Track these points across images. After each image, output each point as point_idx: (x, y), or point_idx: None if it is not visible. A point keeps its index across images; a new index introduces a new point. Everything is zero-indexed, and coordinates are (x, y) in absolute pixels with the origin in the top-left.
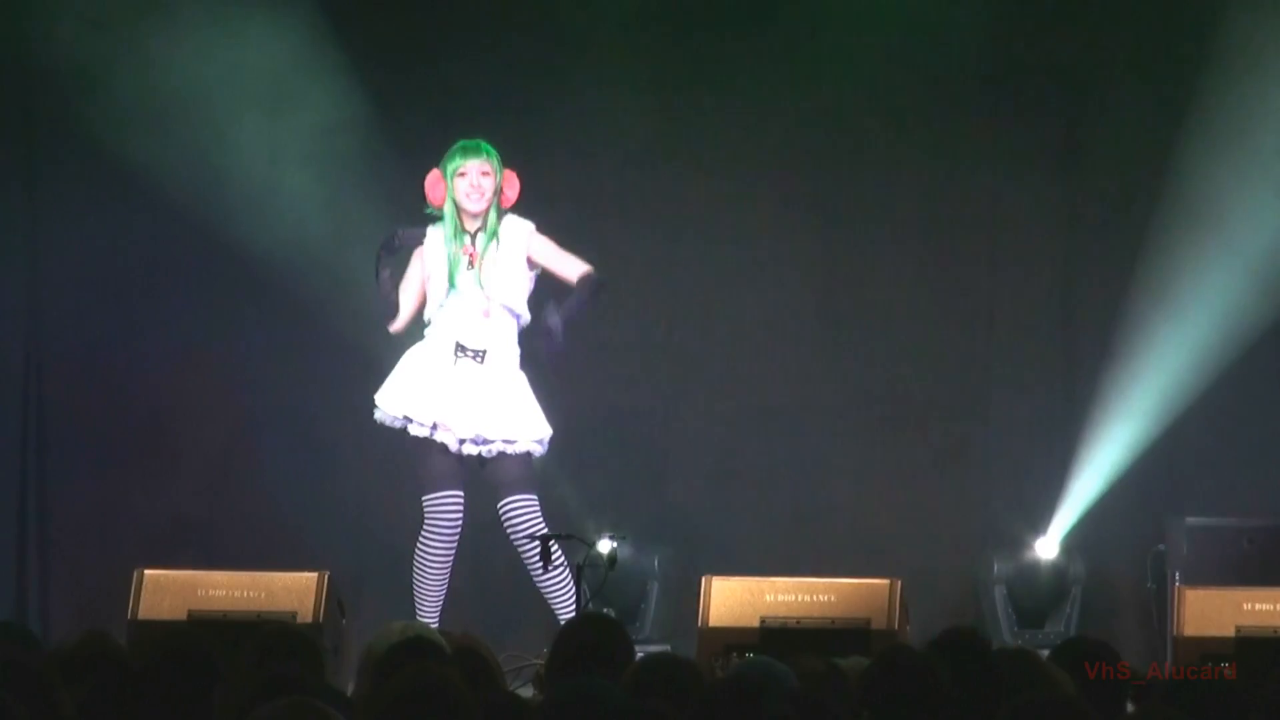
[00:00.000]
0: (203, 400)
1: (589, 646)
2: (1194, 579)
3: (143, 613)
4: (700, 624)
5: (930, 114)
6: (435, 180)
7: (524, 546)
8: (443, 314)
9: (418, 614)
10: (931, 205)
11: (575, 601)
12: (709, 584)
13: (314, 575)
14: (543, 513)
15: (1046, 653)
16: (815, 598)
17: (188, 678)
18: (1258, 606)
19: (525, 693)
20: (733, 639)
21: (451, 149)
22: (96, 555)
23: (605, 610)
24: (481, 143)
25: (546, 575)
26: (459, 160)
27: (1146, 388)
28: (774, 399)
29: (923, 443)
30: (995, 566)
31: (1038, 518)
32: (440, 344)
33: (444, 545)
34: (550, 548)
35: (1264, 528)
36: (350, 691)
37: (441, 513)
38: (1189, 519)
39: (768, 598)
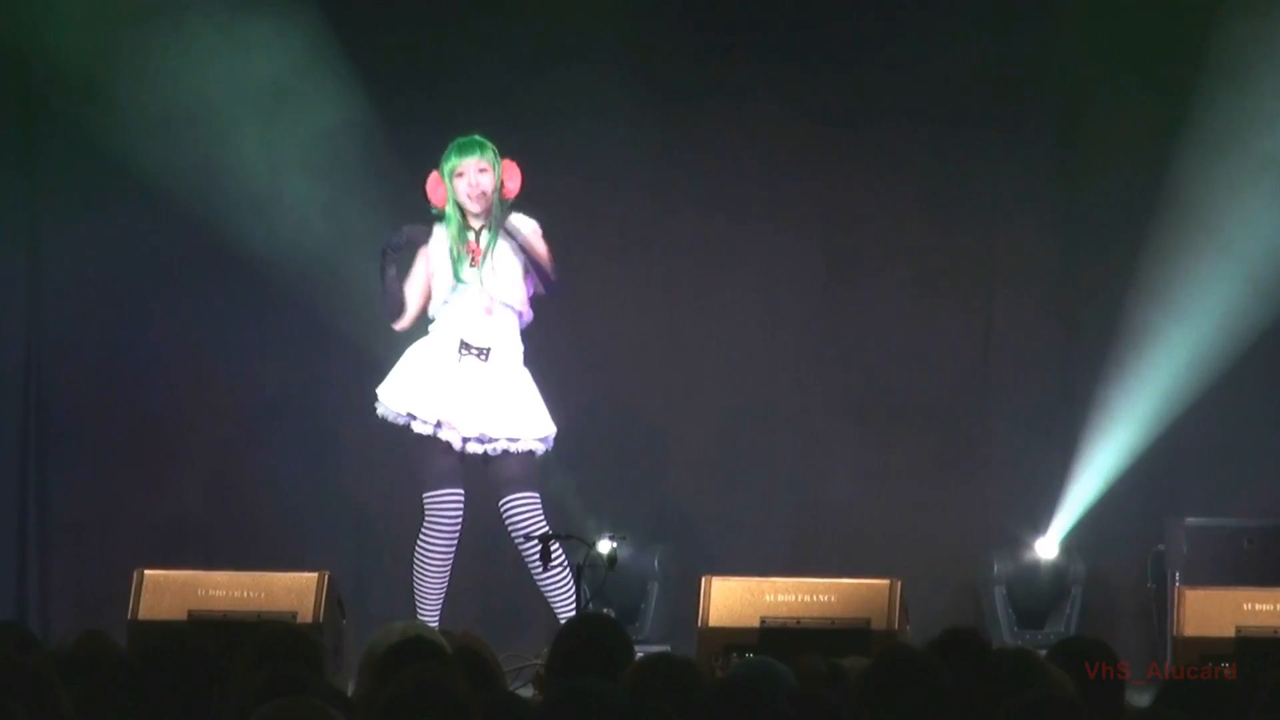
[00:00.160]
0: (203, 400)
1: (589, 646)
2: (1194, 579)
3: (143, 613)
4: (700, 624)
5: (929, 119)
6: (435, 182)
7: (524, 545)
8: (446, 311)
9: (418, 613)
10: (931, 207)
11: (575, 601)
12: (709, 584)
13: (314, 575)
14: (544, 512)
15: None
16: (815, 598)
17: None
18: (1257, 607)
19: (525, 692)
20: (733, 639)
21: (448, 148)
22: (96, 555)
23: (605, 610)
24: (476, 138)
25: (546, 575)
26: (455, 160)
27: (1146, 388)
28: (774, 399)
29: (923, 443)
30: (995, 566)
31: (1038, 518)
32: (444, 341)
33: (444, 544)
34: (550, 547)
35: (1264, 528)
36: (350, 691)
37: (442, 511)
38: (1189, 519)
39: (768, 598)
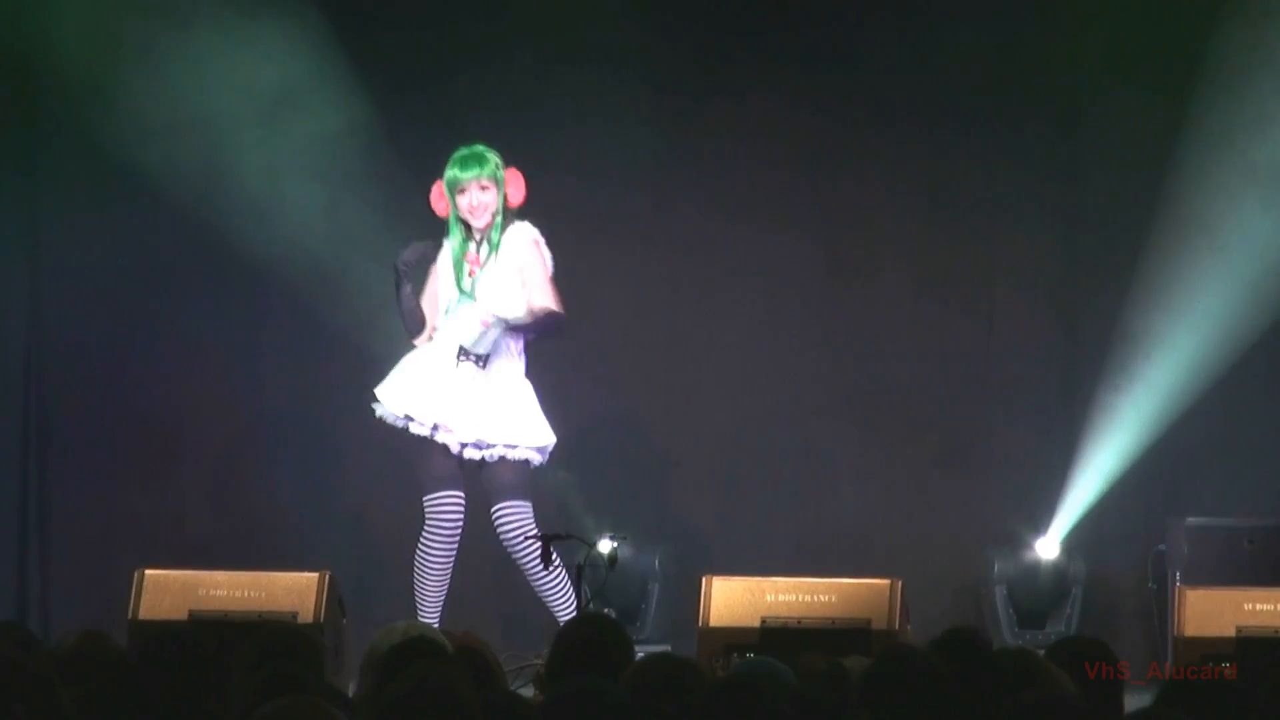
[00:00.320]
0: (203, 400)
1: (589, 646)
2: (1194, 579)
3: (143, 613)
4: (701, 624)
5: (931, 121)
6: (439, 194)
7: (515, 552)
8: (447, 321)
9: (418, 614)
10: (932, 209)
11: (574, 602)
12: (709, 584)
13: (315, 575)
14: (536, 519)
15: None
16: (816, 598)
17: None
18: (1258, 607)
19: (526, 693)
20: (733, 639)
21: (451, 160)
22: (97, 555)
23: (605, 610)
24: (479, 151)
25: (543, 578)
26: (457, 175)
27: (1146, 387)
28: (775, 400)
29: (924, 443)
30: (996, 566)
31: (1038, 518)
32: (444, 347)
33: (443, 546)
34: (550, 549)
35: (1264, 528)
36: (351, 692)
37: (441, 513)
38: (1189, 519)
39: (768, 598)
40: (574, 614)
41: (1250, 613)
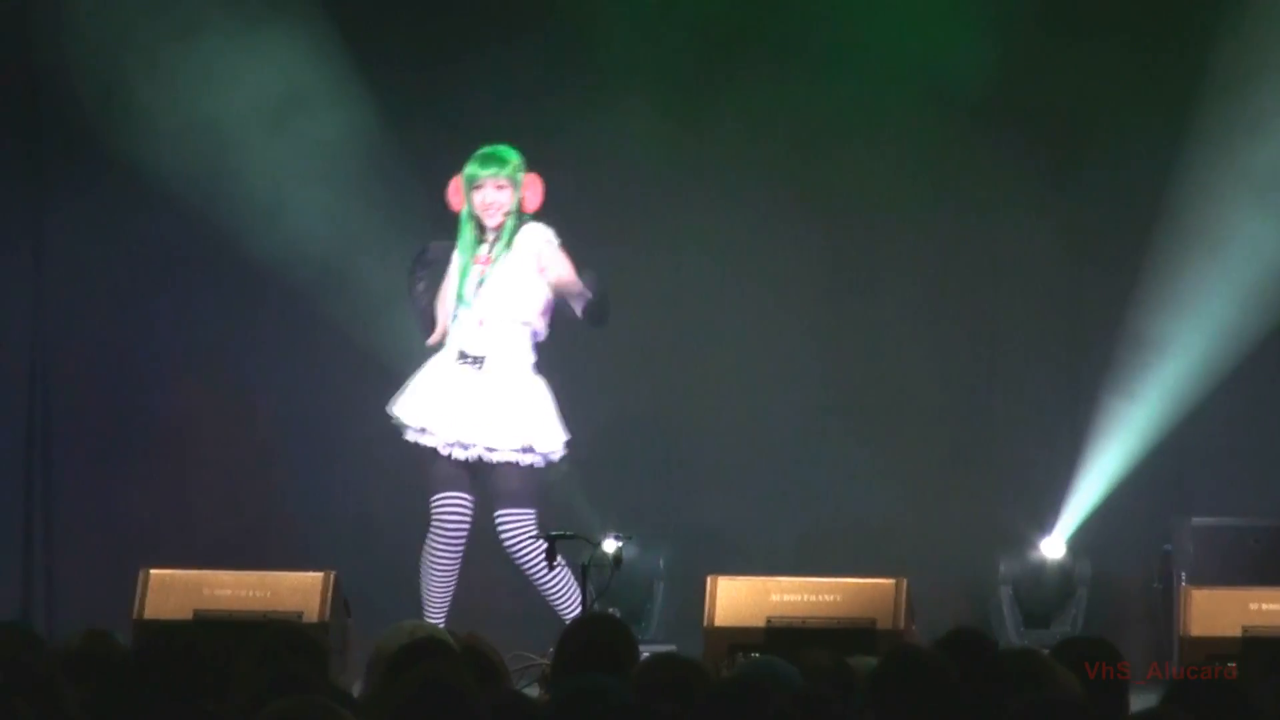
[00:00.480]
0: (209, 402)
1: (594, 646)
2: (1200, 579)
3: (148, 612)
4: (706, 624)
5: (938, 124)
6: (456, 188)
7: (517, 557)
8: (455, 322)
9: (424, 614)
10: (938, 211)
11: (579, 603)
12: (715, 584)
13: (320, 575)
14: (542, 521)
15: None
16: (821, 597)
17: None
18: (1264, 606)
19: (531, 693)
20: (738, 639)
21: (473, 156)
22: (102, 555)
23: (610, 610)
24: (501, 152)
25: (547, 579)
26: (475, 172)
27: (1152, 387)
28: (780, 400)
29: (929, 443)
30: (1001, 566)
31: (1044, 518)
32: (448, 350)
33: (447, 547)
34: (555, 549)
35: (1270, 528)
36: (357, 691)
37: (445, 515)
38: (1195, 519)
39: (773, 597)
40: (579, 614)
41: (1256, 612)
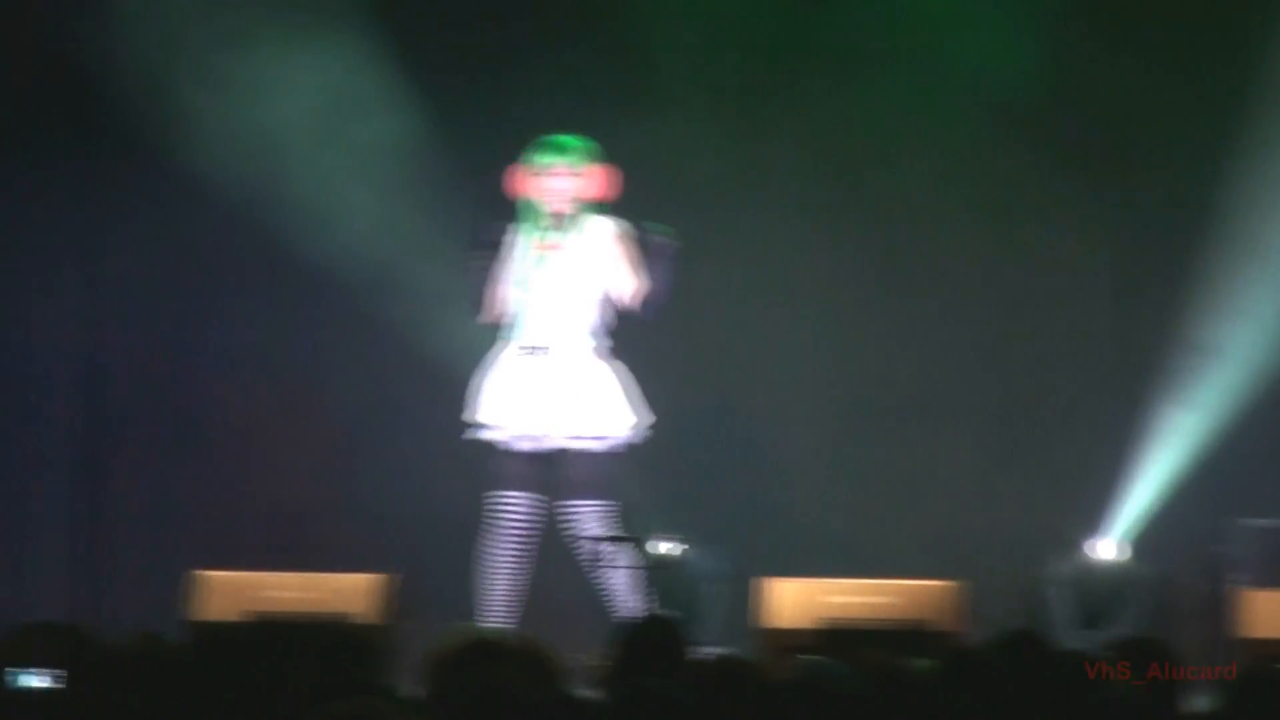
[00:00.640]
0: (261, 402)
1: (649, 647)
2: (1254, 580)
3: (199, 614)
4: (760, 625)
5: (988, 128)
6: (518, 173)
7: (579, 550)
8: (519, 309)
9: (485, 617)
10: (985, 209)
11: (636, 603)
12: (768, 585)
13: (374, 577)
14: (603, 518)
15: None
16: (875, 599)
17: (245, 679)
18: None
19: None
20: (792, 640)
21: (538, 142)
22: (154, 556)
23: (666, 611)
24: (569, 141)
25: (605, 578)
26: (539, 158)
27: (1205, 388)
28: (833, 401)
29: (981, 443)
30: (1055, 568)
31: (1097, 518)
32: (514, 340)
33: (499, 546)
34: (612, 549)
35: None
36: (411, 694)
37: (496, 513)
38: (1249, 520)
39: (827, 599)
40: (634, 615)
41: None
